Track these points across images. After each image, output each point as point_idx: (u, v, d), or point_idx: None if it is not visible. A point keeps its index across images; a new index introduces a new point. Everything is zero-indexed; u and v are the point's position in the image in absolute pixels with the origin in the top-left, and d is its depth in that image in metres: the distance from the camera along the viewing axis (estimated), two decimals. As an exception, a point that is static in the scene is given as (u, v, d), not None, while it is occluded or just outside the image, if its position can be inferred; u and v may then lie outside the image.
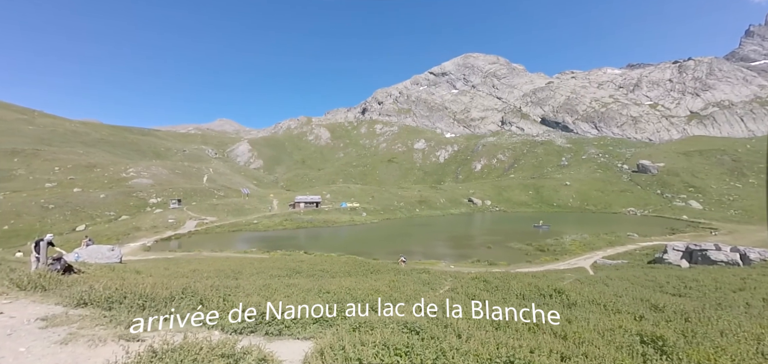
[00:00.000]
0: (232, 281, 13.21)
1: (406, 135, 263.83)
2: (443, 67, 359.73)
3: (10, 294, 8.31)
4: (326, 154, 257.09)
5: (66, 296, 7.60)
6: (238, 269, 19.75)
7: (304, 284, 13.49)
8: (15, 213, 74.00)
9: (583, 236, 58.66)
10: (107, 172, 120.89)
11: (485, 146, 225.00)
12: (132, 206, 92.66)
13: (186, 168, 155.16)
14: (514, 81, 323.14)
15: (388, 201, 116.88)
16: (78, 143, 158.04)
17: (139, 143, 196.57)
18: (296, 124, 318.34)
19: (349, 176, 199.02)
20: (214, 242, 59.07)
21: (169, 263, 27.23)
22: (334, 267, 22.24)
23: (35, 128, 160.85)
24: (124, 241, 58.59)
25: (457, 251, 50.27)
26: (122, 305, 7.03)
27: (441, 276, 19.84)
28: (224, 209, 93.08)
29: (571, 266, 37.72)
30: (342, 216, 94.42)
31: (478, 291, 13.58)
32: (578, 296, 14.06)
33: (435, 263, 36.30)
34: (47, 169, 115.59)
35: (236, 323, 7.11)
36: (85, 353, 4.60)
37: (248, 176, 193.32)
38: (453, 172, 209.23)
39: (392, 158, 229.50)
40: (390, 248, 51.10)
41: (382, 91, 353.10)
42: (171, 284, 9.59)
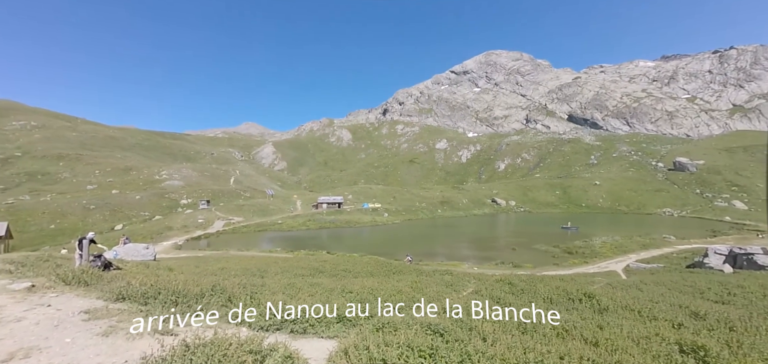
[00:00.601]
0: (259, 280, 13.57)
1: (428, 135, 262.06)
2: (465, 66, 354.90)
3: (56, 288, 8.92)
4: (348, 155, 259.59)
5: (106, 291, 8.08)
6: (264, 268, 20.28)
7: (328, 283, 13.65)
8: (61, 213, 79.43)
9: (614, 238, 56.10)
10: (142, 175, 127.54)
11: (509, 145, 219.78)
12: (164, 206, 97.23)
13: (214, 170, 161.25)
14: (539, 77, 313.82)
15: (409, 202, 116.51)
16: (116, 148, 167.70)
17: (171, 147, 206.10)
18: (318, 126, 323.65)
19: (370, 177, 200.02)
20: (241, 241, 60.96)
21: (199, 261, 28.33)
22: (356, 267, 22.40)
23: (78, 134, 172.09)
24: (157, 239, 61.58)
25: (480, 252, 49.36)
26: (157, 301, 7.39)
27: (464, 278, 19.54)
28: (250, 210, 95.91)
29: (601, 269, 36.14)
30: (364, 217, 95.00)
31: (503, 294, 13.26)
32: (610, 300, 13.44)
33: (458, 264, 35.80)
34: (89, 173, 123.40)
35: (263, 320, 7.29)
36: (124, 345, 4.86)
37: (273, 178, 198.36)
38: (476, 173, 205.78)
39: (414, 159, 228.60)
40: (412, 249, 50.89)
41: (403, 91, 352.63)
42: (201, 281, 9.98)
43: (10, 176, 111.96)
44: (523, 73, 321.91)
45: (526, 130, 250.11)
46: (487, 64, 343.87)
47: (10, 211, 73.95)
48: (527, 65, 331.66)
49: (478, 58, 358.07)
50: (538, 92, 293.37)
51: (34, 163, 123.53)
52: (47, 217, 76.62)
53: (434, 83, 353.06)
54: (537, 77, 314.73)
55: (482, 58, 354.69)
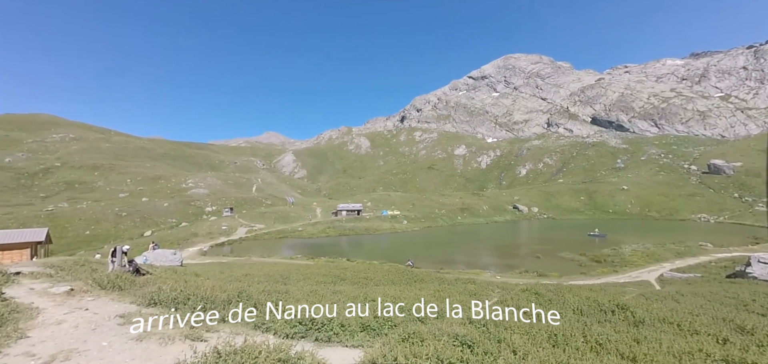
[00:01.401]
0: (282, 286, 13.71)
1: (446, 141, 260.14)
2: (483, 71, 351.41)
3: (93, 292, 9.31)
4: (366, 162, 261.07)
5: (139, 296, 8.36)
6: (286, 275, 20.51)
7: (350, 291, 13.63)
8: (95, 220, 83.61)
9: (645, 246, 53.54)
10: (170, 184, 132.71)
11: (530, 150, 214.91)
12: (190, 213, 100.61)
13: (237, 179, 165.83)
14: (560, 80, 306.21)
15: (429, 209, 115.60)
16: (146, 158, 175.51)
17: (196, 157, 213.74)
18: (337, 134, 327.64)
19: (389, 184, 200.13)
20: (263, 248, 62.12)
21: (224, 267, 29.01)
22: (377, 275, 22.30)
23: (111, 145, 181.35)
24: (183, 245, 63.67)
25: (502, 260, 48.19)
26: (186, 306, 7.58)
27: (488, 287, 19.08)
28: (271, 217, 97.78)
29: (632, 279, 34.48)
30: (383, 224, 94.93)
31: (529, 305, 12.81)
32: (645, 313, 12.74)
33: (480, 273, 35.06)
34: (121, 181, 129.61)
35: (288, 327, 7.32)
36: (157, 349, 4.97)
37: (293, 185, 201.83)
38: (496, 178, 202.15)
39: (432, 165, 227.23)
40: (432, 256, 50.33)
41: (421, 98, 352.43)
42: (227, 287, 10.17)
43: (50, 185, 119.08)
44: (543, 76, 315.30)
45: (547, 135, 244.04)
46: (506, 68, 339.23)
47: (49, 217, 78.46)
48: (547, 68, 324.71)
49: (496, 63, 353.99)
50: (560, 95, 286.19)
51: (71, 172, 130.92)
52: (83, 223, 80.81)
53: (452, 89, 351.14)
54: (558, 80, 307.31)
55: (500, 63, 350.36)
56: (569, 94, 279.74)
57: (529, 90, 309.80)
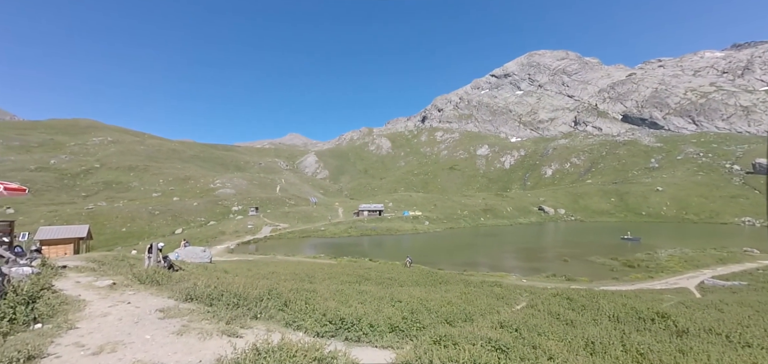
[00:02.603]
0: (309, 285, 13.89)
1: (468, 141, 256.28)
2: (506, 69, 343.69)
3: (133, 286, 9.76)
4: (387, 163, 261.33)
5: (176, 291, 8.68)
6: (311, 274, 20.79)
7: (375, 291, 13.61)
8: (131, 218, 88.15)
9: (683, 251, 50.55)
10: (199, 184, 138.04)
11: (556, 149, 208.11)
12: (218, 212, 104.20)
13: (262, 179, 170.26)
14: (588, 76, 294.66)
15: (451, 210, 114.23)
16: (177, 160, 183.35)
17: (223, 158, 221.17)
18: (358, 135, 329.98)
19: (410, 185, 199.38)
20: (287, 246, 63.41)
21: (250, 264, 29.78)
22: (401, 276, 22.20)
23: (146, 148, 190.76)
24: (212, 243, 66.00)
25: (528, 263, 46.85)
26: (220, 302, 7.79)
27: (515, 290, 18.58)
28: (295, 217, 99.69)
29: (669, 285, 32.60)
30: (404, 224, 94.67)
31: (561, 310, 12.33)
32: (689, 322, 11.95)
33: (504, 276, 34.22)
34: (154, 182, 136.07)
35: (318, 326, 7.37)
36: (197, 344, 5.11)
37: (315, 186, 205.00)
38: (520, 179, 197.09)
39: (454, 166, 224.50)
40: (455, 258, 49.67)
41: (442, 98, 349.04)
42: (258, 284, 10.39)
43: (91, 185, 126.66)
44: (569, 72, 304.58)
45: (574, 133, 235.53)
46: (530, 66, 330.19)
47: (90, 215, 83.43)
48: (574, 64, 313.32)
49: (519, 60, 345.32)
50: (588, 92, 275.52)
51: (109, 173, 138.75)
52: (120, 221, 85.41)
53: (474, 88, 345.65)
54: (585, 76, 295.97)
55: (524, 60, 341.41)
56: (598, 90, 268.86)
57: (554, 87, 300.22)
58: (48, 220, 71.71)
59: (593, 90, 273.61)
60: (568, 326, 10.20)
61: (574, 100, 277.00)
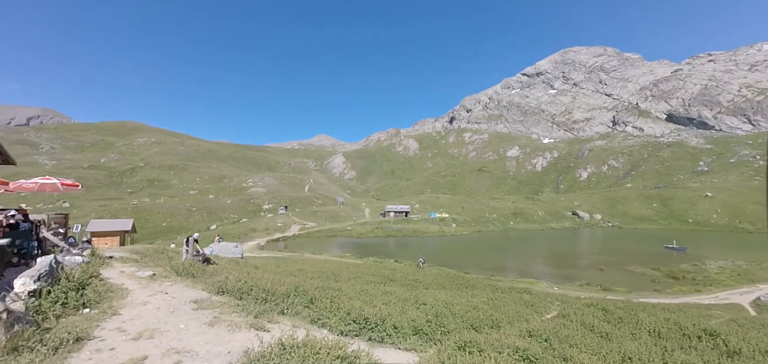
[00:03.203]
0: (334, 283, 14.08)
1: (498, 142, 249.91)
2: (538, 67, 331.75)
3: (170, 278, 10.32)
4: (414, 164, 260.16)
5: (209, 284, 9.09)
6: (337, 273, 21.07)
7: (400, 293, 13.56)
8: (170, 213, 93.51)
9: (735, 263, 46.46)
10: (232, 183, 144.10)
11: (592, 151, 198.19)
12: (250, 210, 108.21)
13: (291, 179, 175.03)
14: (628, 73, 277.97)
15: (479, 212, 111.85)
16: (212, 159, 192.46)
17: (255, 158, 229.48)
18: (385, 136, 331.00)
19: (437, 186, 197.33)
20: (314, 245, 64.71)
21: (279, 261, 30.66)
22: (426, 278, 21.98)
23: (185, 148, 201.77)
24: (244, 239, 68.61)
25: (560, 270, 44.89)
26: (250, 297, 8.07)
27: (545, 298, 17.85)
28: (322, 216, 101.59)
29: (719, 301, 30.06)
30: (431, 226, 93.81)
31: (596, 321, 11.68)
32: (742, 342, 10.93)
33: (534, 282, 32.99)
34: (192, 180, 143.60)
35: (343, 325, 7.43)
36: (227, 336, 5.32)
37: (343, 186, 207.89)
38: (553, 182, 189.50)
39: (483, 167, 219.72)
40: (482, 262, 48.55)
41: (471, 98, 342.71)
42: (285, 281, 10.67)
43: (135, 182, 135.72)
44: (607, 69, 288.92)
45: (612, 134, 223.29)
46: (564, 63, 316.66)
47: (134, 210, 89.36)
48: (612, 60, 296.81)
49: (553, 58, 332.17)
50: (627, 90, 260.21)
51: (152, 172, 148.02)
52: (160, 216, 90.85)
53: (504, 87, 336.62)
54: (625, 73, 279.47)
55: (557, 57, 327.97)
56: (639, 88, 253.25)
57: (591, 86, 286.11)
58: (98, 213, 77.53)
59: (634, 88, 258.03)
60: (603, 340, 9.65)
61: (613, 98, 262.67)
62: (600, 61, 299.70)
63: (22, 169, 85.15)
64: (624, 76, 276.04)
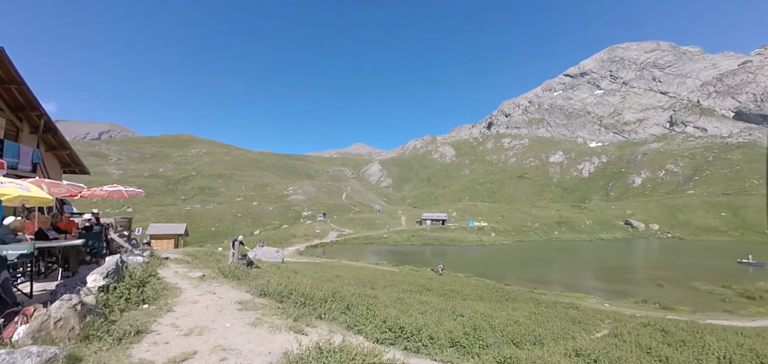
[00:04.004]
0: (370, 291, 14.16)
1: (539, 147, 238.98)
2: (582, 67, 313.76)
3: (218, 279, 10.96)
4: (451, 171, 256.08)
5: (252, 286, 9.54)
6: (373, 280, 21.16)
7: (436, 303, 13.32)
8: (218, 219, 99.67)
9: (828, 282, 40.32)
10: (274, 190, 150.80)
11: (647, 155, 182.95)
12: (290, 217, 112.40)
13: (329, 186, 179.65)
14: (686, 68, 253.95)
15: (520, 221, 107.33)
16: (256, 168, 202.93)
17: (295, 167, 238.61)
18: (421, 143, 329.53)
19: (475, 194, 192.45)
20: (351, 251, 65.60)
21: (317, 267, 31.44)
22: (464, 289, 21.39)
23: (231, 158, 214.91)
24: (284, 245, 71.29)
25: (611, 285, 41.59)
26: (290, 300, 8.35)
27: (594, 315, 16.62)
28: (359, 223, 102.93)
29: (808, 324, 26.12)
30: (469, 235, 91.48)
31: (654, 343, 10.66)
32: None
33: (582, 297, 30.86)
34: (238, 188, 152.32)
35: (378, 332, 7.43)
36: (268, 337, 5.54)
37: (379, 194, 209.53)
38: (601, 189, 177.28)
39: (523, 174, 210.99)
40: (524, 274, 46.36)
41: (509, 102, 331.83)
42: (323, 286, 10.91)
43: (188, 190, 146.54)
44: (661, 65, 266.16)
45: (670, 136, 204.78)
46: (611, 61, 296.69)
47: (187, 215, 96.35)
48: (667, 55, 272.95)
49: (598, 56, 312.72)
50: (686, 87, 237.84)
51: (203, 180, 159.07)
52: (210, 221, 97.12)
53: (545, 90, 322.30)
54: (683, 68, 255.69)
55: (604, 56, 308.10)
56: (700, 84, 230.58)
57: (642, 84, 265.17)
58: (156, 218, 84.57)
59: (694, 84, 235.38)
60: None
61: (669, 97, 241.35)
62: (653, 56, 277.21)
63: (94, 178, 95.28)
64: (681, 72, 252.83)
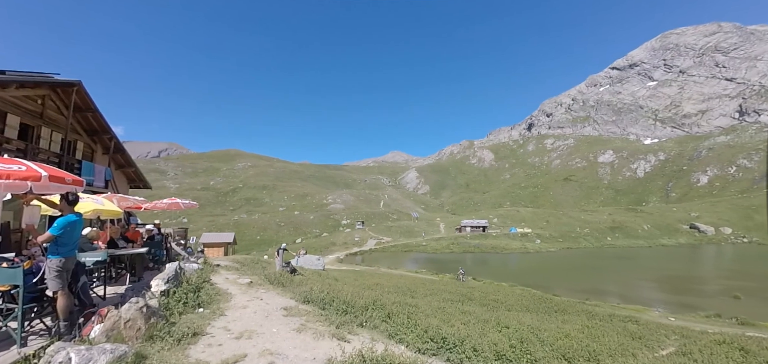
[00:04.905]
0: (410, 299, 14.02)
1: (586, 147, 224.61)
2: (631, 58, 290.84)
3: (264, 286, 11.46)
4: (490, 176, 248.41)
5: (296, 293, 9.86)
6: (413, 288, 20.95)
7: (479, 313, 12.87)
8: (263, 228, 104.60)
9: None
10: (314, 200, 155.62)
11: (713, 150, 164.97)
12: (330, 225, 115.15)
13: (367, 195, 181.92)
14: (755, 50, 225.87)
15: (567, 227, 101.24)
16: (297, 179, 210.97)
17: (334, 177, 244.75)
18: (458, 148, 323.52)
19: (517, 199, 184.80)
20: (390, 259, 65.61)
21: (357, 274, 31.80)
22: (508, 299, 20.47)
23: (274, 170, 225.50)
24: (324, 253, 73.02)
25: (677, 297, 37.60)
26: (332, 307, 8.50)
27: (657, 330, 15.12)
28: (397, 231, 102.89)
29: None
30: (512, 242, 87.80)
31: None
32: None
33: (643, 310, 28.21)
34: (280, 198, 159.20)
35: (420, 342, 7.32)
36: (312, 343, 5.67)
37: (416, 201, 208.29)
38: (660, 189, 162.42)
39: (569, 176, 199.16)
40: (574, 283, 43.43)
41: (551, 101, 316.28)
42: (363, 294, 11.00)
43: (236, 201, 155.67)
44: (725, 49, 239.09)
45: (740, 127, 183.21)
46: (665, 49, 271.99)
47: (235, 224, 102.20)
48: (731, 37, 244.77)
49: (649, 45, 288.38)
50: (757, 71, 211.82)
51: (249, 191, 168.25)
52: (255, 230, 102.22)
53: (590, 86, 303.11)
54: (751, 50, 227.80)
55: (655, 43, 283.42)
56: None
57: (703, 71, 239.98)
58: (208, 228, 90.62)
59: (766, 67, 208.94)
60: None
61: (737, 83, 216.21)
62: (714, 40, 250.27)
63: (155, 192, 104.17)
64: (750, 55, 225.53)
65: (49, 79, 14.22)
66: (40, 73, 14.05)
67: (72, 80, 15.27)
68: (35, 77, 13.67)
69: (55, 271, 5.06)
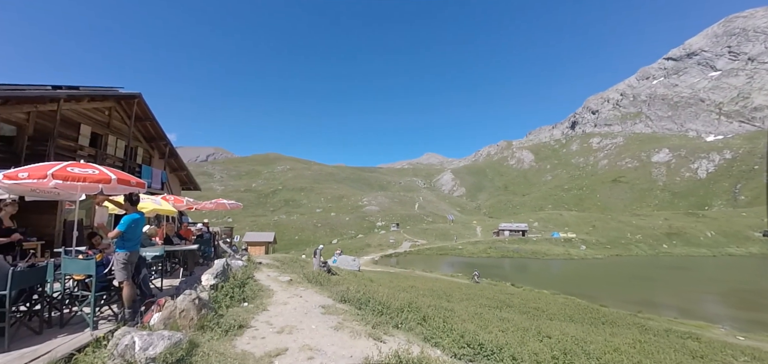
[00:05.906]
0: (446, 303, 13.81)
1: (637, 146, 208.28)
2: (688, 46, 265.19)
3: (303, 284, 11.86)
4: (530, 177, 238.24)
5: (334, 292, 10.11)
6: (448, 292, 20.61)
7: (519, 321, 12.39)
8: (301, 229, 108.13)
9: None
10: (350, 202, 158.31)
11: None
12: (365, 227, 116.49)
13: (402, 197, 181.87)
14: None
15: (617, 232, 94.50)
16: (333, 181, 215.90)
17: (369, 179, 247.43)
18: (496, 149, 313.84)
19: (559, 201, 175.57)
20: (424, 262, 65.02)
21: (392, 276, 31.86)
22: (550, 307, 19.48)
23: (311, 172, 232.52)
24: (360, 254, 73.98)
25: (746, 313, 33.60)
26: (368, 308, 8.61)
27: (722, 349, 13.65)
28: (432, 233, 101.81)
29: None
30: (554, 248, 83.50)
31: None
32: None
33: (704, 326, 25.55)
34: (317, 200, 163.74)
35: (456, 347, 7.19)
36: (349, 341, 5.78)
37: (452, 203, 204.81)
38: (726, 192, 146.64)
39: (618, 177, 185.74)
40: (624, 294, 40.34)
41: (596, 97, 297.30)
42: (398, 296, 11.02)
43: (276, 202, 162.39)
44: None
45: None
46: (729, 35, 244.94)
47: (275, 225, 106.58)
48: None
49: (711, 31, 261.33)
50: None
51: (287, 193, 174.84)
52: (294, 230, 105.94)
53: (641, 79, 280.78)
54: None
55: (718, 29, 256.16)
56: None
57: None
58: (250, 227, 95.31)
59: None
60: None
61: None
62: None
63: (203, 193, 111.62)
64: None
65: (115, 93, 15.79)
66: (107, 87, 15.66)
67: (133, 93, 16.86)
68: (103, 91, 15.26)
69: (121, 263, 5.63)
